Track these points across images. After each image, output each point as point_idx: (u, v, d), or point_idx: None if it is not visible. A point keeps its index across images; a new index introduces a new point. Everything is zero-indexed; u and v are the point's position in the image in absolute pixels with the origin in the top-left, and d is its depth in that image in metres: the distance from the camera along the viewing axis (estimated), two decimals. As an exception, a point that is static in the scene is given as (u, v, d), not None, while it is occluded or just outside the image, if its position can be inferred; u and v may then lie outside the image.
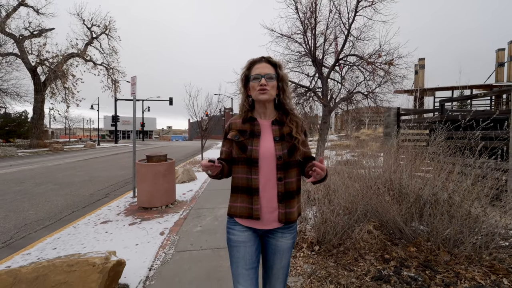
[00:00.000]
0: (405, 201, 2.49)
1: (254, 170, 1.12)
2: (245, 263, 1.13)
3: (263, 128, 1.17)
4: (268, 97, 1.13)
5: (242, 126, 1.18)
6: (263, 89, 1.11)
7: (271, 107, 1.19)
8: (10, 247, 3.07)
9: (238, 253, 1.14)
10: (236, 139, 1.15)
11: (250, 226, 1.15)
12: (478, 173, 2.60)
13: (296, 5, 5.38)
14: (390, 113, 6.49)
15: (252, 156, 1.11)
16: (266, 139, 1.14)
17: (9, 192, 5.53)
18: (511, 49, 19.94)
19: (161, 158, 4.41)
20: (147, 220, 3.75)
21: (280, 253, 1.16)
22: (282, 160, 1.11)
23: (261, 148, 1.12)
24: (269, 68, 1.15)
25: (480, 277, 1.93)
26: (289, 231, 1.17)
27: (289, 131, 1.15)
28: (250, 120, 1.18)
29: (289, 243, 1.17)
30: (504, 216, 2.18)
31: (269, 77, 1.13)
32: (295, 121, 1.18)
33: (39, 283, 1.67)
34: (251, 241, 1.15)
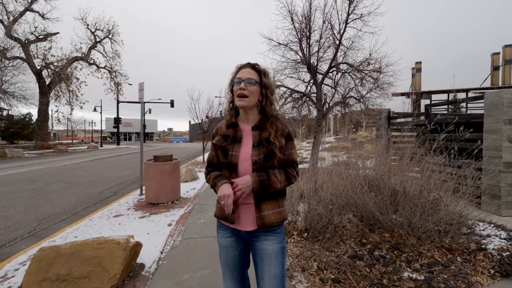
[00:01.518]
0: (382, 195, 2.87)
1: (233, 175, 1.14)
2: (228, 265, 1.22)
3: (244, 134, 1.18)
4: (246, 104, 1.13)
5: (226, 131, 1.20)
6: (241, 93, 1.12)
7: (254, 113, 1.20)
8: (35, 236, 3.46)
9: (222, 255, 1.24)
10: (219, 144, 1.19)
11: (232, 227, 1.18)
12: (450, 171, 2.99)
13: (292, 16, 5.80)
14: (381, 116, 6.89)
15: (232, 162, 1.14)
16: (246, 145, 1.16)
17: (24, 190, 5.93)
18: (505, 53, 20.36)
19: (167, 158, 4.81)
20: (155, 214, 4.14)
21: (267, 258, 1.13)
22: (257, 165, 1.11)
23: (240, 154, 1.14)
24: (252, 73, 1.15)
25: (438, 256, 2.31)
26: (273, 234, 1.15)
27: (267, 136, 1.14)
28: (233, 125, 1.20)
29: (276, 247, 1.14)
30: (457, 204, 2.56)
31: (249, 82, 1.12)
32: (275, 125, 1.17)
33: (76, 257, 2.05)
34: (233, 246, 1.20)
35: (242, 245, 1.21)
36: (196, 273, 2.32)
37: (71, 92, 20.28)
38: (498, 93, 3.87)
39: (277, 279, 1.11)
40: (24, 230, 3.67)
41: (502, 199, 3.76)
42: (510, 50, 20.20)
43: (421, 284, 1.94)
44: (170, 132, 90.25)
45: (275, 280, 1.11)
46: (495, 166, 3.84)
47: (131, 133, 56.14)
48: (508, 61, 20.10)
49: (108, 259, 2.09)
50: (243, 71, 1.16)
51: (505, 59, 20.19)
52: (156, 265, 2.49)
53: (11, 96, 16.76)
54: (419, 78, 22.39)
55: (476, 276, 2.07)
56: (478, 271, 2.12)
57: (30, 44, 18.40)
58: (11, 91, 16.64)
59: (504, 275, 2.07)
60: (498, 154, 3.80)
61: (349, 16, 5.06)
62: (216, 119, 12.63)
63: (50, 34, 19.36)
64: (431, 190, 2.60)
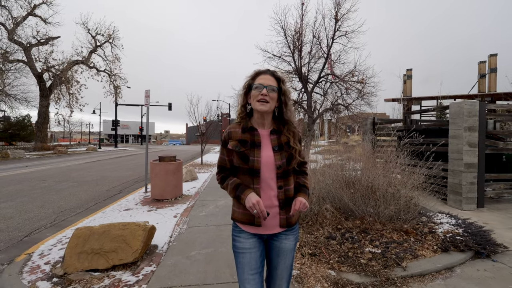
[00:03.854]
0: (355, 190, 3.44)
1: (256, 180, 1.15)
2: (251, 269, 1.17)
3: (262, 138, 1.19)
4: (267, 109, 1.15)
5: (242, 136, 1.19)
6: (263, 99, 1.13)
7: (269, 118, 1.22)
8: (57, 226, 3.94)
9: (244, 259, 1.18)
10: (237, 149, 1.17)
11: (254, 232, 1.18)
12: (422, 172, 3.57)
13: (285, 31, 6.42)
14: (367, 122, 7.51)
15: (255, 167, 1.14)
16: (266, 149, 1.17)
17: (37, 188, 6.38)
18: (491, 62, 21.36)
19: (171, 158, 5.34)
20: (161, 208, 4.65)
21: (284, 254, 1.20)
22: (281, 169, 1.15)
23: (262, 159, 1.15)
24: (273, 80, 1.17)
25: (396, 237, 2.88)
26: (292, 233, 1.21)
27: (286, 140, 1.19)
28: (250, 130, 1.20)
29: (292, 244, 1.22)
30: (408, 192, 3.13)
31: (271, 89, 1.15)
32: (292, 131, 1.22)
33: (105, 235, 2.57)
34: (255, 247, 1.19)
35: (262, 246, 1.22)
36: (201, 251, 2.84)
37: (71, 95, 20.66)
38: (459, 104, 4.50)
39: (289, 268, 1.24)
40: (46, 221, 4.15)
41: (463, 195, 4.36)
42: (494, 59, 21.22)
43: (377, 255, 2.50)
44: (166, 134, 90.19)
45: (287, 269, 1.23)
46: (457, 167, 4.45)
47: (128, 135, 56.29)
48: (493, 69, 21.08)
49: (131, 237, 2.61)
50: (263, 77, 1.18)
51: (491, 67, 21.18)
52: (167, 245, 3.01)
53: (13, 99, 17.08)
54: (410, 85, 23.27)
55: (422, 251, 2.63)
56: (424, 247, 2.69)
57: (32, 48, 18.80)
58: (13, 93, 16.98)
59: (443, 250, 2.64)
60: (460, 156, 4.40)
61: (335, 33, 5.69)
62: (214, 123, 13.17)
63: (52, 38, 19.79)
64: (394, 185, 3.17)
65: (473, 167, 4.36)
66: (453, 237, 2.83)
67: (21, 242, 3.35)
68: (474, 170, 4.36)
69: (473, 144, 4.36)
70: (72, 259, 2.45)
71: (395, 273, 2.27)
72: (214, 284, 2.19)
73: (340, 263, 2.42)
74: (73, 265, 2.43)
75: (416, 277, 2.27)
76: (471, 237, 2.81)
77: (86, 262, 2.45)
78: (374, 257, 2.47)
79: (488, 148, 4.56)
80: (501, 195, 4.85)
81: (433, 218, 3.47)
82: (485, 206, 4.49)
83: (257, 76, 1.20)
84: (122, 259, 2.51)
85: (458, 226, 3.12)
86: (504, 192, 4.74)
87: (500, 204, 4.74)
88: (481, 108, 4.42)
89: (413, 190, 3.35)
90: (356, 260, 2.44)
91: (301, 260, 2.51)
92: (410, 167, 3.72)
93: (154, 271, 2.44)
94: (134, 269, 2.49)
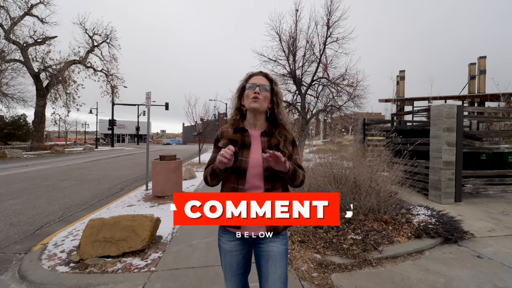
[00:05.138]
0: (341, 185, 3.79)
1: (241, 180, 1.13)
2: (231, 270, 1.19)
3: (253, 139, 1.19)
4: (259, 106, 1.15)
5: (233, 136, 1.20)
6: (255, 97, 1.14)
7: (262, 119, 1.22)
8: (64, 221, 4.21)
9: (225, 260, 1.20)
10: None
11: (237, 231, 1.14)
12: (407, 169, 3.93)
13: (280, 36, 6.75)
14: (358, 122, 7.89)
15: (241, 167, 1.13)
16: (255, 150, 1.16)
17: (40, 186, 6.60)
18: (480, 64, 22.03)
19: (172, 157, 5.63)
20: (162, 204, 4.94)
21: (273, 259, 1.14)
22: (268, 171, 1.12)
23: (250, 160, 1.14)
24: (265, 81, 1.20)
25: (376, 226, 3.23)
26: (278, 238, 1.15)
27: (277, 142, 1.18)
28: (241, 130, 1.20)
29: (281, 248, 1.15)
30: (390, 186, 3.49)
31: (264, 88, 1.17)
32: (284, 134, 1.20)
33: (116, 226, 2.86)
34: (237, 250, 1.18)
35: (246, 249, 1.20)
36: (202, 240, 3.16)
37: (68, 94, 20.72)
38: (439, 106, 4.88)
39: (281, 280, 1.13)
40: (54, 216, 4.41)
41: (442, 190, 4.74)
42: (483, 61, 21.89)
43: (358, 241, 2.84)
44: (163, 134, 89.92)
45: (279, 281, 1.13)
46: (437, 165, 4.83)
47: (124, 134, 56.12)
48: (482, 71, 21.75)
49: (139, 227, 2.91)
50: (256, 78, 1.21)
51: (480, 69, 21.84)
52: (171, 236, 3.32)
53: (10, 98, 17.11)
54: (403, 86, 23.85)
55: (398, 237, 2.99)
56: (400, 235, 3.04)
57: (28, 48, 18.82)
58: (10, 93, 17.01)
59: (416, 236, 3.00)
60: (439, 155, 4.79)
61: (327, 39, 6.04)
62: (211, 122, 13.45)
63: (49, 37, 19.83)
64: (376, 181, 3.52)
65: (451, 164, 4.75)
66: (426, 225, 3.19)
67: (33, 235, 3.62)
68: (452, 167, 4.75)
69: (451, 144, 4.75)
70: (87, 247, 2.74)
71: (372, 256, 2.61)
72: (215, 266, 2.51)
73: (325, 248, 2.76)
74: (88, 252, 2.72)
75: (390, 258, 2.62)
76: (441, 226, 3.17)
77: (100, 249, 2.74)
78: (355, 243, 2.82)
79: (466, 147, 4.96)
80: (478, 191, 5.26)
81: (412, 211, 3.83)
82: (463, 201, 4.87)
83: (250, 78, 1.23)
84: (132, 247, 2.81)
85: (432, 217, 3.48)
86: (480, 187, 5.15)
87: (477, 198, 5.14)
88: (459, 111, 4.81)
89: (394, 185, 3.71)
90: (339, 245, 2.78)
91: (291, 246, 2.84)
92: (394, 165, 4.08)
93: (160, 256, 2.75)
94: (143, 255, 2.80)
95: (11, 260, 2.85)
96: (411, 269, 2.44)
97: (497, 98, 14.93)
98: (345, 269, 2.43)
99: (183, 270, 2.46)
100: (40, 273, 2.48)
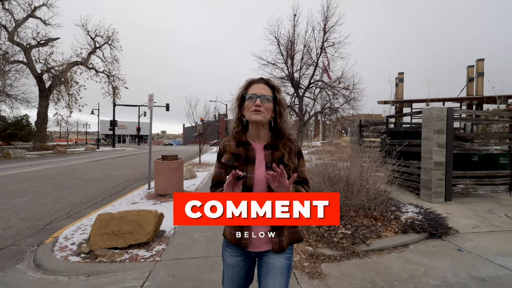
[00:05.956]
0: (336, 184, 4.00)
1: None
2: (232, 283, 1.18)
3: (257, 153, 1.14)
4: (261, 118, 1.09)
5: (236, 150, 1.15)
6: (257, 110, 1.08)
7: (265, 130, 1.16)
8: (72, 217, 4.42)
9: (228, 273, 1.19)
10: (231, 163, 1.13)
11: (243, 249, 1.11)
12: (399, 169, 4.15)
13: (279, 40, 6.99)
14: (354, 124, 8.11)
15: (247, 184, 1.09)
16: (259, 166, 1.12)
17: (46, 185, 6.83)
18: (478, 66, 22.25)
19: (174, 157, 5.85)
20: (165, 202, 5.15)
21: (273, 272, 1.10)
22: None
23: (255, 176, 1.10)
24: (267, 89, 1.12)
25: (366, 222, 3.44)
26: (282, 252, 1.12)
27: (281, 155, 1.12)
28: (244, 144, 1.15)
29: (284, 263, 1.11)
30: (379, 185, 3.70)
31: (265, 99, 1.10)
32: (288, 146, 1.14)
33: (123, 220, 3.08)
34: (240, 265, 1.16)
35: (249, 264, 1.18)
36: (203, 234, 3.37)
37: (71, 95, 20.99)
38: (430, 109, 5.10)
39: None
40: (61, 213, 4.63)
41: (433, 190, 4.95)
42: (481, 63, 22.12)
43: (347, 235, 3.05)
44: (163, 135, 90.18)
45: None
46: (428, 165, 5.05)
47: (125, 135, 56.43)
48: (480, 73, 21.96)
49: (144, 222, 3.12)
50: (256, 86, 1.13)
51: (478, 71, 22.07)
52: (174, 230, 3.54)
53: (14, 99, 17.39)
54: (402, 87, 24.06)
55: (385, 232, 3.20)
56: (388, 230, 3.25)
57: (32, 49, 19.11)
58: (13, 94, 17.28)
59: (403, 231, 3.21)
60: (430, 156, 5.00)
61: (324, 43, 6.27)
62: (211, 123, 13.68)
63: (51, 39, 20.12)
64: (366, 180, 3.74)
65: (441, 165, 4.96)
66: (413, 222, 3.40)
67: (43, 230, 3.84)
68: (442, 167, 4.96)
69: (441, 145, 4.96)
70: (96, 239, 2.95)
71: (360, 248, 2.83)
72: (214, 256, 2.73)
73: (317, 241, 2.97)
74: (97, 243, 2.93)
75: (376, 251, 2.83)
76: (427, 222, 3.38)
77: (108, 241, 2.96)
78: (345, 237, 3.03)
79: (456, 149, 5.17)
80: (468, 191, 5.47)
81: (401, 208, 4.04)
82: (453, 200, 5.08)
83: (250, 85, 1.15)
84: (137, 240, 3.02)
85: (419, 214, 3.69)
86: (470, 187, 5.36)
87: (466, 198, 5.35)
88: (449, 113, 5.02)
89: (385, 184, 3.92)
90: (330, 239, 2.99)
91: (286, 240, 3.05)
92: (385, 165, 4.30)
93: (164, 248, 2.96)
94: (148, 247, 3.01)
95: (25, 252, 3.07)
96: (395, 260, 2.65)
97: (493, 100, 15.16)
98: (334, 260, 2.64)
99: (186, 260, 2.67)
100: (54, 262, 2.70)
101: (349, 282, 2.24)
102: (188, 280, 2.30)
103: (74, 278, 2.42)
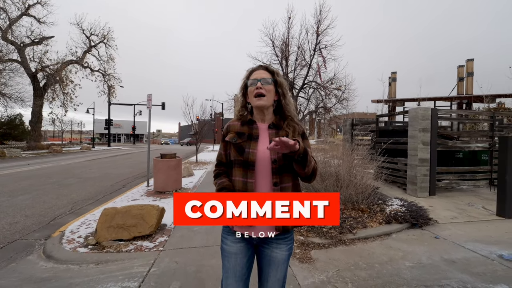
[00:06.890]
0: (326, 179, 4.27)
1: (250, 174, 1.11)
2: (235, 275, 1.14)
3: (261, 132, 1.16)
4: (264, 103, 1.13)
5: (240, 129, 1.17)
6: (259, 92, 1.12)
7: (269, 113, 1.19)
8: (75, 213, 4.60)
9: (229, 263, 1.15)
10: (234, 141, 1.15)
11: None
12: (387, 166, 4.43)
13: (273, 42, 7.22)
14: (346, 123, 8.40)
15: (249, 159, 1.10)
16: (263, 143, 1.14)
17: (46, 183, 6.95)
18: (468, 66, 22.86)
19: (172, 156, 6.05)
20: (164, 198, 5.36)
21: (275, 264, 1.14)
22: (277, 164, 1.10)
23: (258, 151, 1.11)
24: (266, 73, 1.17)
25: (353, 214, 3.72)
26: (284, 241, 1.14)
27: (285, 135, 1.13)
28: (249, 123, 1.18)
29: (285, 254, 1.15)
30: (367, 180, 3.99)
31: (265, 82, 1.14)
32: (292, 126, 1.17)
33: (127, 214, 3.29)
34: (242, 252, 1.15)
35: (250, 252, 1.18)
36: (203, 226, 3.60)
37: (66, 94, 20.87)
38: (415, 109, 5.40)
39: (280, 283, 1.16)
40: (64, 209, 4.80)
41: (418, 185, 5.26)
42: (471, 63, 22.73)
43: (336, 226, 3.32)
44: (159, 133, 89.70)
45: (278, 283, 1.16)
46: (414, 162, 5.36)
47: (120, 134, 56.02)
48: (470, 73, 22.58)
49: (147, 215, 3.34)
50: (256, 73, 1.18)
51: (468, 71, 22.68)
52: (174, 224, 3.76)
53: (8, 98, 17.25)
54: (395, 87, 24.54)
55: (371, 223, 3.48)
56: (373, 221, 3.53)
57: (26, 48, 18.95)
58: (8, 93, 17.15)
59: (387, 222, 3.50)
60: (416, 153, 5.31)
61: (316, 45, 6.52)
62: (208, 122, 13.85)
63: (46, 38, 19.96)
64: (354, 175, 4.01)
65: (426, 161, 5.27)
66: (396, 213, 3.69)
67: (48, 225, 4.02)
68: (427, 164, 5.27)
69: (426, 143, 5.27)
70: (102, 232, 3.16)
71: (347, 237, 3.10)
72: (213, 246, 2.97)
73: (308, 231, 3.23)
74: (103, 236, 3.14)
75: (361, 239, 3.11)
76: (409, 214, 3.67)
77: (113, 233, 3.17)
78: (333, 227, 3.30)
79: (440, 146, 5.49)
80: (452, 185, 5.80)
81: (387, 202, 4.33)
82: (437, 194, 5.40)
83: (251, 74, 1.20)
84: (141, 232, 3.24)
85: (403, 206, 3.99)
86: (453, 182, 5.69)
87: (450, 192, 5.68)
88: (433, 113, 5.33)
89: (370, 179, 4.20)
90: (320, 229, 3.26)
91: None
92: (374, 162, 4.58)
93: (167, 240, 3.19)
94: (151, 239, 3.23)
95: (33, 245, 3.26)
96: (378, 247, 2.93)
97: (481, 99, 15.67)
98: (323, 247, 2.91)
99: (187, 249, 2.91)
100: (63, 253, 2.90)
101: (335, 265, 2.51)
102: (190, 266, 2.54)
103: (84, 266, 2.63)
